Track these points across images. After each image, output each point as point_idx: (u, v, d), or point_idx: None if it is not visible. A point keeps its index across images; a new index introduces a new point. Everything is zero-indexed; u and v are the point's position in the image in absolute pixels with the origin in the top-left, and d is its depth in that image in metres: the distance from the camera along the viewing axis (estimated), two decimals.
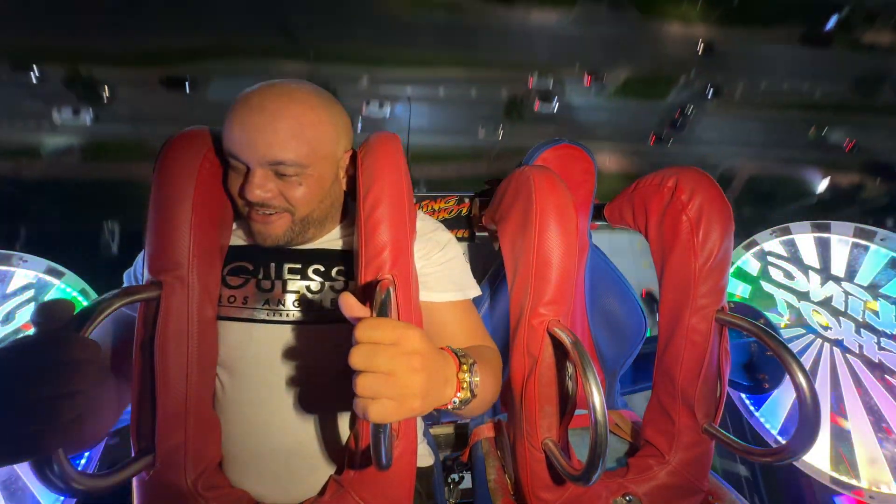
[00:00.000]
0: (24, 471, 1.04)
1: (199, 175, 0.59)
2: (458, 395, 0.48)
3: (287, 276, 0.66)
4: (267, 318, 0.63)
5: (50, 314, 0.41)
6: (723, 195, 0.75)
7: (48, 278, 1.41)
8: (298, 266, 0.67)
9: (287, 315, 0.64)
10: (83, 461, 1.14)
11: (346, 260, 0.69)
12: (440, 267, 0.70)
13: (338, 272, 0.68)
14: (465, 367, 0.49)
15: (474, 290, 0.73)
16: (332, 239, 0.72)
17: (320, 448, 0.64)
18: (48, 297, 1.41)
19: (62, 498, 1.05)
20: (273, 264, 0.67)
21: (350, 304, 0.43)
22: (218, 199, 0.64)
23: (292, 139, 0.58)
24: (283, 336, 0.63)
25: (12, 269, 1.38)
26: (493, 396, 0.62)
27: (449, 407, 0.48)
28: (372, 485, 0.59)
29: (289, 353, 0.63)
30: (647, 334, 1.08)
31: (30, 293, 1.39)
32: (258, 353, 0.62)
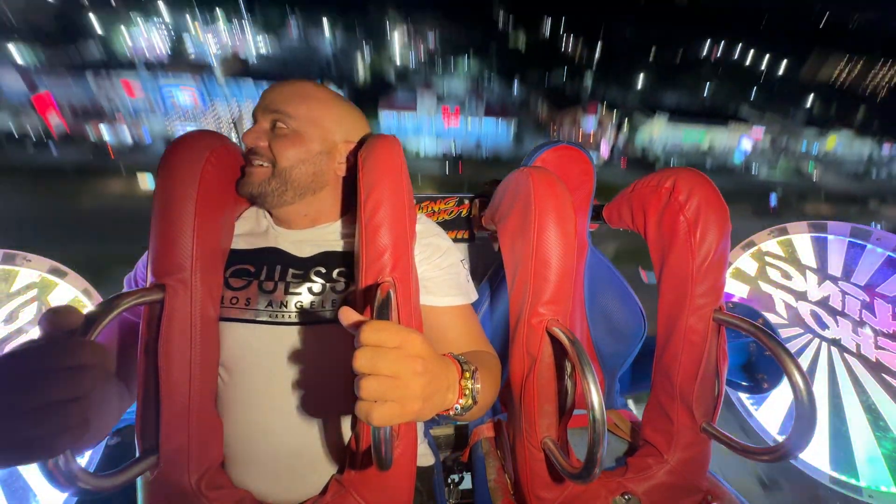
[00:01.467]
0: (25, 470, 1.04)
1: (203, 178, 0.60)
2: (461, 401, 0.48)
3: (289, 279, 0.67)
4: (269, 319, 0.64)
5: (57, 320, 0.42)
6: (720, 196, 0.75)
7: (51, 278, 1.42)
8: (301, 269, 0.68)
9: (289, 316, 0.64)
10: (84, 460, 1.15)
11: (347, 261, 0.69)
12: (441, 272, 0.71)
13: (339, 273, 0.68)
14: (467, 374, 0.50)
15: (474, 295, 0.75)
16: (333, 239, 0.72)
17: (322, 448, 0.64)
18: (51, 296, 1.41)
19: (64, 496, 1.05)
20: (278, 266, 0.68)
21: (349, 316, 0.43)
22: (221, 203, 0.64)
23: (295, 97, 0.69)
24: (286, 337, 0.63)
25: (16, 268, 1.39)
26: (490, 402, 0.63)
27: (451, 413, 0.49)
28: (373, 485, 0.59)
29: (291, 354, 0.63)
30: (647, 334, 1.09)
31: (33, 292, 1.39)
32: (261, 353, 0.63)
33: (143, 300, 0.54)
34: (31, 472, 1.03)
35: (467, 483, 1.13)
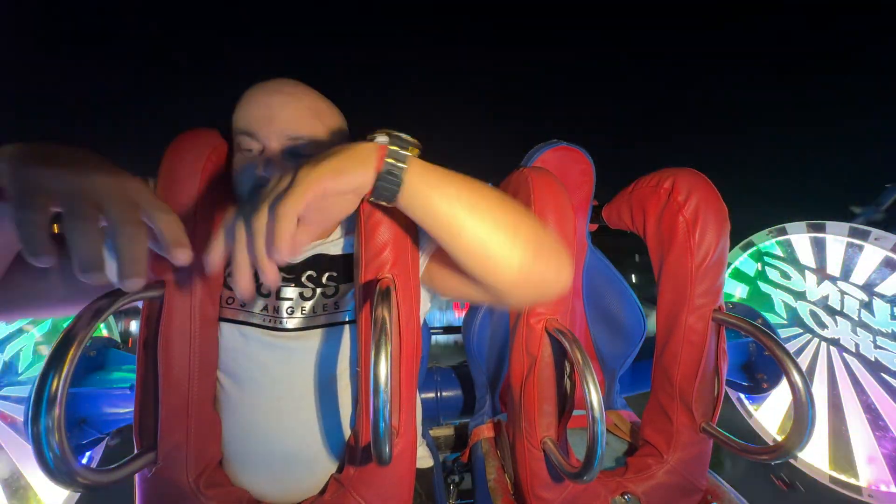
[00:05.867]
0: (26, 469, 1.04)
1: (203, 174, 0.60)
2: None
3: (281, 284, 0.66)
4: (262, 322, 0.64)
5: None
6: (718, 196, 0.75)
7: None
8: (291, 274, 0.67)
9: (280, 322, 0.64)
10: (84, 459, 1.15)
11: (337, 265, 0.69)
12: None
13: (328, 278, 0.68)
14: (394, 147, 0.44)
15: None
16: (326, 244, 0.72)
17: (320, 449, 0.64)
18: None
19: (64, 496, 1.05)
20: None
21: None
22: (222, 199, 0.64)
23: (311, 117, 0.62)
24: (278, 341, 0.63)
25: None
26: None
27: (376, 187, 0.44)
28: (373, 483, 0.59)
29: (283, 358, 0.63)
30: (646, 334, 1.09)
31: None
32: (254, 357, 0.63)
33: (142, 296, 0.54)
34: (32, 472, 1.03)
35: (467, 483, 1.13)
